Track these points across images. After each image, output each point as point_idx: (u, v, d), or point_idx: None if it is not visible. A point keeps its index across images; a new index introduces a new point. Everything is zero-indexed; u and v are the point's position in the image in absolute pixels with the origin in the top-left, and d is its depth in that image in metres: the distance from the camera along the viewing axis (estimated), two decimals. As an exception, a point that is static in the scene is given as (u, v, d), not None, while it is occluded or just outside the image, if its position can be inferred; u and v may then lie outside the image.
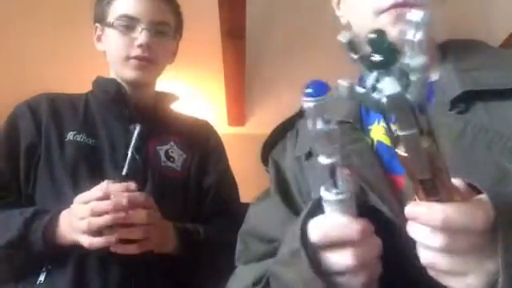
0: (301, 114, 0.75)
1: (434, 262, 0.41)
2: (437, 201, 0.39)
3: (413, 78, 0.34)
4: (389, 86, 0.34)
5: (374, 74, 0.35)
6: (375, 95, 0.35)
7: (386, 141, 0.62)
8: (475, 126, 0.54)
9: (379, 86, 0.35)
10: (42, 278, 0.87)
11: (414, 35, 0.33)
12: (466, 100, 0.56)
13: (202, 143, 1.10)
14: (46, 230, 0.85)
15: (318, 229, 0.46)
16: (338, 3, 0.73)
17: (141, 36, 0.97)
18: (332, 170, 0.43)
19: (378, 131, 0.64)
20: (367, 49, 0.36)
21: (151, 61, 1.00)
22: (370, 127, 0.65)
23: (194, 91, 3.03)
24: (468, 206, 0.39)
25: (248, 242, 0.67)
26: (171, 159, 1.02)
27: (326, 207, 0.46)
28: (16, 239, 0.85)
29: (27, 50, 2.51)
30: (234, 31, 2.27)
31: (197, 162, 1.06)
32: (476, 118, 0.54)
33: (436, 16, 0.65)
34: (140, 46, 0.97)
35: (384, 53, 0.34)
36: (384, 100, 0.34)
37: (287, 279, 0.50)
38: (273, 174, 0.72)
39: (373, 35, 0.35)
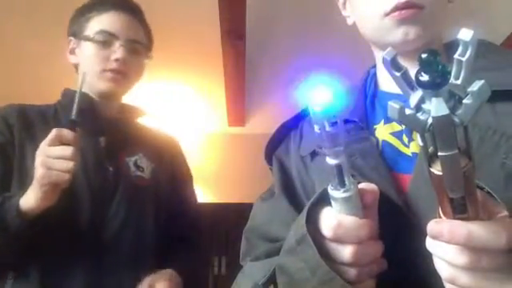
0: (304, 114, 0.75)
1: (454, 278, 0.41)
2: (463, 219, 0.39)
3: (468, 101, 0.34)
4: (436, 107, 0.34)
5: (420, 94, 0.35)
6: (420, 116, 0.35)
7: (392, 140, 0.62)
8: (482, 126, 0.54)
9: (425, 106, 0.35)
10: (8, 287, 0.91)
11: (463, 54, 0.33)
12: None
13: (168, 157, 1.17)
14: (19, 207, 0.87)
15: (328, 224, 0.47)
16: (344, 3, 0.73)
17: (118, 51, 1.05)
18: (339, 170, 0.44)
19: (383, 131, 0.64)
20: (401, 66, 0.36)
21: (125, 75, 1.07)
22: (375, 126, 0.65)
23: (194, 91, 3.02)
24: (493, 225, 0.39)
25: (254, 240, 0.67)
26: (140, 169, 1.08)
27: (334, 204, 0.47)
28: None
29: (23, 52, 2.51)
30: (233, 31, 2.27)
31: (165, 174, 1.13)
32: (483, 119, 0.54)
33: (442, 15, 0.65)
34: (117, 60, 1.04)
35: (436, 74, 0.34)
36: (430, 121, 0.34)
37: (293, 268, 0.50)
38: (277, 174, 0.72)
39: (425, 55, 0.34)
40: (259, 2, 2.20)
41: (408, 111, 0.36)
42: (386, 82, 0.68)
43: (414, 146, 0.60)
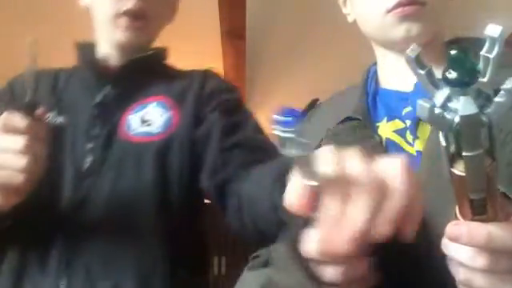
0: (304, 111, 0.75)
1: (470, 280, 0.40)
2: (482, 220, 0.39)
3: (500, 99, 0.33)
4: (465, 106, 0.33)
5: (447, 92, 0.34)
6: (447, 114, 0.34)
7: (395, 138, 0.62)
8: None
9: (452, 105, 0.34)
10: None
11: (491, 51, 0.32)
12: None
13: (194, 93, 0.88)
14: None
15: (311, 246, 0.45)
16: (345, 1, 0.73)
17: None
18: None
19: (386, 128, 0.63)
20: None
21: (146, 17, 0.86)
22: (377, 124, 0.64)
23: (193, 91, 3.02)
24: (511, 226, 0.38)
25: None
26: (147, 123, 0.85)
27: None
28: None
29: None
30: (233, 31, 2.27)
31: (189, 116, 0.85)
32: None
33: (444, 11, 0.65)
34: None
35: (465, 71, 0.33)
36: (457, 120, 0.33)
37: (283, 285, 0.49)
38: None
39: (455, 52, 0.34)
40: (259, 2, 2.20)
41: (437, 110, 0.35)
42: (387, 79, 0.68)
43: (418, 144, 0.59)
